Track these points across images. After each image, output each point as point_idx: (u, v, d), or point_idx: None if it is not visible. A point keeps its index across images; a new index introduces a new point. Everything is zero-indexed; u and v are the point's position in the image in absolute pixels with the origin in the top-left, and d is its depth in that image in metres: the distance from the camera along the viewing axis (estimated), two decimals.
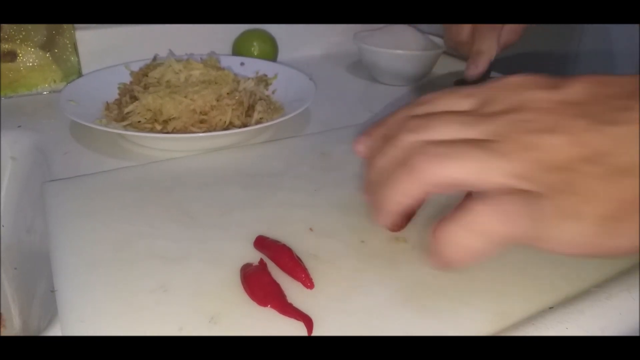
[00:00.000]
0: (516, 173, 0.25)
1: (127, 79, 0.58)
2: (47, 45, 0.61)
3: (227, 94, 0.53)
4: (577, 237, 0.24)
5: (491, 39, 0.57)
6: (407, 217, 0.38)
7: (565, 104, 0.26)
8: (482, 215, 0.24)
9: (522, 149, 0.25)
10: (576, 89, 0.27)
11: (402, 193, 0.27)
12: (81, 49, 0.64)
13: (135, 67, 0.59)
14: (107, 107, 0.55)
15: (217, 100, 0.52)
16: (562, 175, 0.24)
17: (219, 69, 0.58)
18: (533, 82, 0.28)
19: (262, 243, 0.36)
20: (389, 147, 0.29)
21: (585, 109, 0.26)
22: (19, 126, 0.55)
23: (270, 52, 0.71)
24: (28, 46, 0.60)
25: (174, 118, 0.51)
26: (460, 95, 0.30)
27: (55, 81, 0.63)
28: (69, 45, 0.62)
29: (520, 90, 0.28)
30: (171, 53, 0.65)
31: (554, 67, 1.12)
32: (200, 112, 0.52)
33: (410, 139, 0.28)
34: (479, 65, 0.57)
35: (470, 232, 0.25)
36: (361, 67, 0.75)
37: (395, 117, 0.31)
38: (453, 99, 0.30)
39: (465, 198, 0.27)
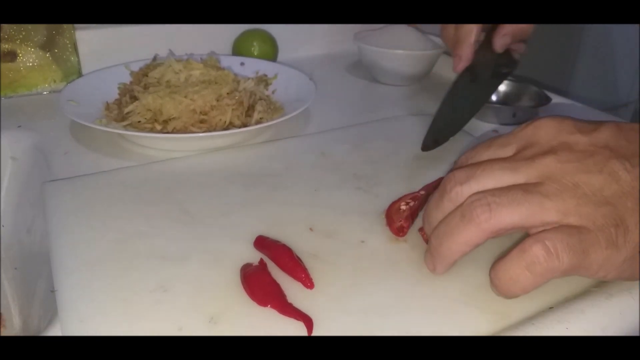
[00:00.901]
0: (565, 210, 0.28)
1: (127, 79, 0.58)
2: (47, 45, 0.61)
3: (227, 94, 0.53)
4: (615, 263, 0.28)
5: (467, 45, 0.53)
6: (410, 220, 0.39)
7: (598, 147, 0.29)
8: (542, 255, 0.27)
9: (568, 189, 0.28)
10: (605, 134, 0.30)
11: (465, 242, 0.30)
12: (81, 48, 0.64)
13: (135, 67, 0.59)
14: (107, 107, 0.55)
15: (217, 100, 0.52)
16: (604, 210, 0.28)
17: (219, 69, 0.58)
18: (567, 126, 0.30)
19: (262, 243, 0.36)
20: (444, 201, 0.31)
21: (616, 152, 0.29)
22: (19, 126, 0.55)
23: (270, 52, 0.71)
24: (28, 46, 0.60)
25: (174, 118, 0.51)
26: (498, 144, 0.32)
27: (55, 81, 0.63)
28: (69, 45, 0.62)
29: (556, 133, 0.30)
30: (171, 53, 0.65)
31: (554, 66, 1.12)
32: (200, 112, 0.52)
33: (462, 191, 0.30)
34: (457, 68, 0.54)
35: (530, 273, 0.28)
36: (361, 67, 0.75)
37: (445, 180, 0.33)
38: (492, 149, 0.32)
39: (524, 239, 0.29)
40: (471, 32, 0.53)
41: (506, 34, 0.52)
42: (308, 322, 0.30)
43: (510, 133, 0.32)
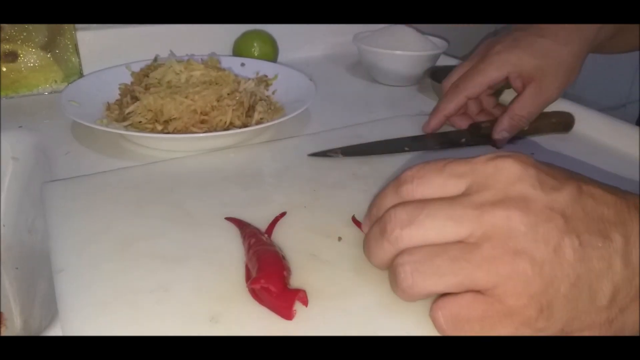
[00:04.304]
0: (494, 282, 0.26)
1: (128, 79, 0.58)
2: (48, 46, 0.61)
3: (228, 94, 0.53)
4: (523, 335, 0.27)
5: (449, 101, 0.53)
6: None
7: (554, 211, 0.26)
8: (440, 320, 0.28)
9: (506, 257, 0.26)
10: (565, 197, 0.27)
11: (400, 297, 0.29)
12: (82, 49, 0.64)
13: (136, 68, 0.60)
14: (108, 107, 0.55)
15: (218, 101, 0.52)
16: (534, 290, 0.25)
17: (220, 69, 0.58)
18: (529, 176, 0.27)
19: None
20: (384, 242, 0.29)
21: (570, 224, 0.26)
22: (20, 126, 0.55)
23: (271, 53, 0.71)
24: (29, 47, 0.60)
25: (174, 118, 0.51)
26: (451, 173, 0.29)
27: (56, 81, 0.63)
28: (70, 46, 0.63)
29: (516, 181, 0.27)
30: (172, 54, 0.65)
31: None
32: (201, 113, 0.52)
33: (403, 236, 0.28)
34: (430, 123, 0.55)
35: (436, 326, 0.28)
36: (361, 68, 0.75)
37: (386, 197, 0.31)
38: (443, 177, 0.29)
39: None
40: (448, 108, 0.53)
41: (504, 130, 0.52)
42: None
43: (467, 162, 0.29)
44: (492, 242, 0.26)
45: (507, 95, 0.65)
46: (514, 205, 0.26)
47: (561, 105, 0.60)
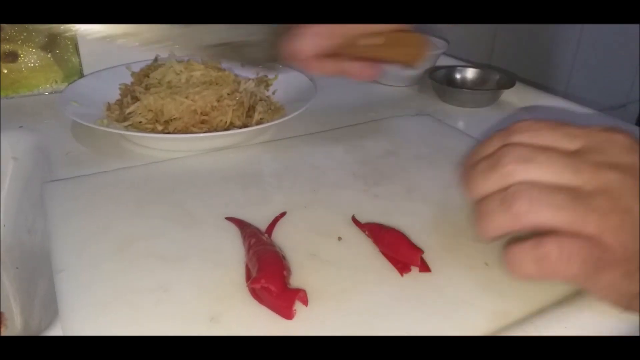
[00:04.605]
0: (604, 229, 0.27)
1: (128, 79, 0.58)
2: (48, 46, 0.61)
3: (228, 94, 0.53)
4: (620, 291, 0.28)
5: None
6: None
7: None
8: (554, 255, 0.27)
9: (618, 210, 0.27)
10: None
11: (496, 227, 0.29)
12: (82, 49, 0.64)
13: (137, 68, 0.60)
14: (109, 107, 0.55)
15: (218, 101, 0.52)
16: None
17: (220, 69, 0.58)
18: (638, 149, 0.29)
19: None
20: (495, 173, 0.29)
21: None
22: (21, 126, 0.55)
23: None
24: (29, 47, 0.60)
25: (175, 118, 0.51)
26: (565, 132, 0.30)
27: (56, 82, 0.63)
28: (70, 46, 0.63)
29: (628, 152, 0.29)
30: (172, 54, 0.65)
31: (553, 66, 1.12)
32: (201, 113, 0.52)
33: (519, 170, 0.29)
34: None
35: (537, 266, 0.28)
36: None
37: (492, 145, 0.31)
38: (558, 134, 0.30)
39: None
40: None
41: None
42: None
43: (581, 126, 0.31)
44: (605, 195, 0.28)
45: (506, 96, 0.65)
46: (627, 171, 0.28)
47: (559, 103, 0.60)
